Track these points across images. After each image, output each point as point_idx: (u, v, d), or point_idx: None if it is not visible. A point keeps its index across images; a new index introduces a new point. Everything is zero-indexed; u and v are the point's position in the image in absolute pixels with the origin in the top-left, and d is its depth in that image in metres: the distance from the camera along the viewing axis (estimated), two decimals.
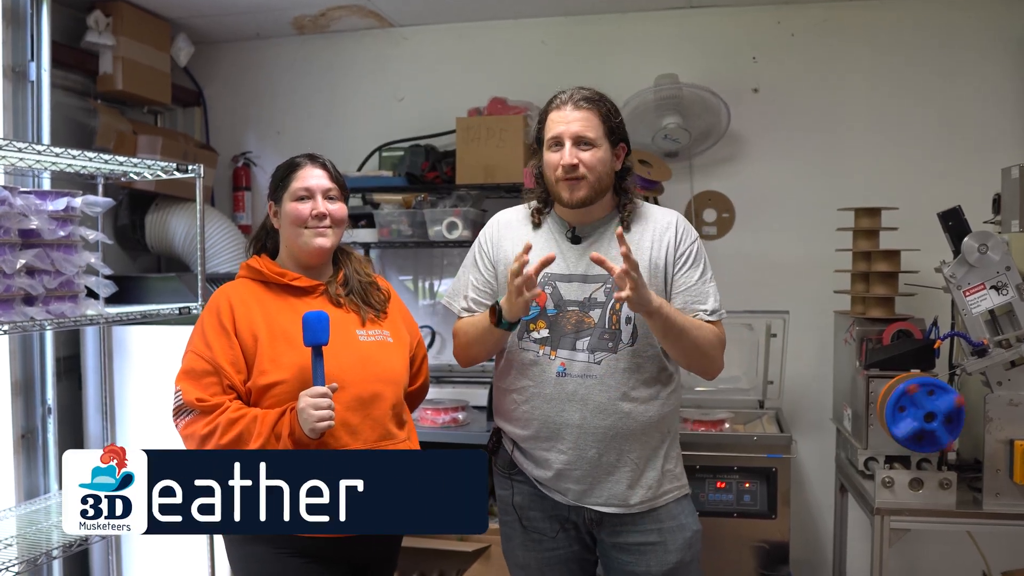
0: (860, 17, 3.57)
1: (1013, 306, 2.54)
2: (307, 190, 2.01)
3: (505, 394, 2.11)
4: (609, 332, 2.00)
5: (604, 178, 2.02)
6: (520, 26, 3.87)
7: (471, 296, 2.15)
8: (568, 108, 2.00)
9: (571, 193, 2.00)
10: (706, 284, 2.06)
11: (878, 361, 2.70)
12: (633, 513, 2.03)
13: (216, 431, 1.84)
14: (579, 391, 2.00)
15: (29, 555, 2.23)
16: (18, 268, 2.15)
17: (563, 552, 2.09)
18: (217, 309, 1.97)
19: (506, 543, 2.19)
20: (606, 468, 2.01)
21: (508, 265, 1.99)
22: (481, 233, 2.20)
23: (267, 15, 3.81)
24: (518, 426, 2.08)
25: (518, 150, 3.44)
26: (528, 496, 2.10)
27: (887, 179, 3.49)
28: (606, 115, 2.02)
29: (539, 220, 2.12)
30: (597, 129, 2.00)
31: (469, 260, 2.21)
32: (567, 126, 1.99)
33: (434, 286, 4.09)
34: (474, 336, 2.07)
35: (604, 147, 2.01)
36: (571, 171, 1.98)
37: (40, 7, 3.01)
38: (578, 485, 2.03)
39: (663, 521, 2.04)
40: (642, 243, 2.05)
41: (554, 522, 2.08)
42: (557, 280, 2.04)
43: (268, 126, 4.16)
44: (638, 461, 2.03)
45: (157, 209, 3.73)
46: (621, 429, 2.00)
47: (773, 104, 3.65)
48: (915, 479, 2.58)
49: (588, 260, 1.98)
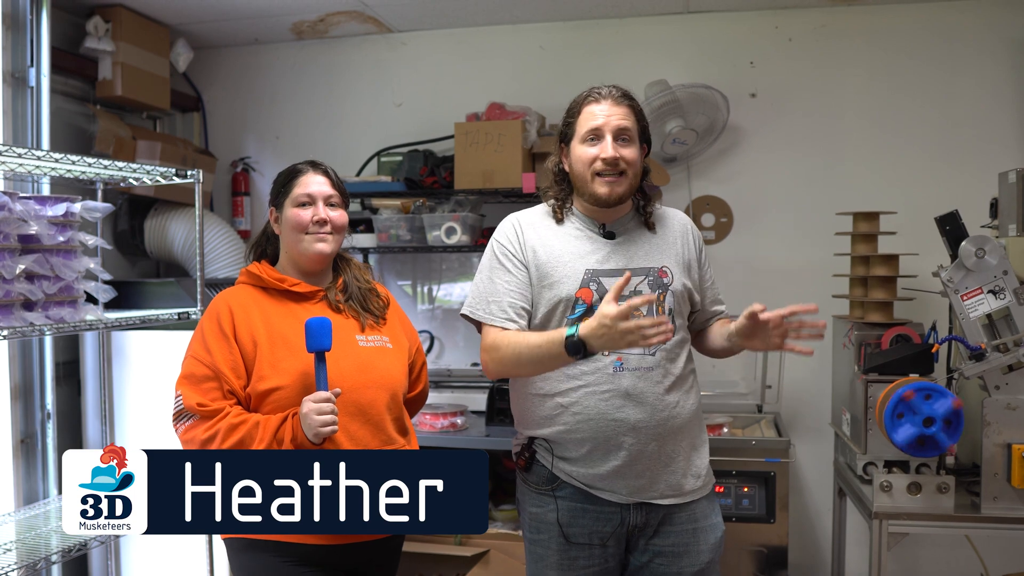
0: (858, 22, 3.59)
1: (1010, 310, 2.55)
2: (308, 196, 2.02)
3: (543, 400, 2.00)
4: None
5: (638, 176, 2.03)
6: (518, 31, 3.88)
7: (510, 302, 2.00)
8: (608, 102, 1.98)
9: (611, 189, 1.96)
10: (716, 282, 2.18)
11: (877, 366, 2.70)
12: (682, 503, 2.01)
13: (217, 436, 1.85)
14: (637, 384, 1.95)
15: (28, 560, 2.23)
16: (17, 273, 2.15)
17: (598, 568, 2.02)
18: (217, 314, 1.97)
19: (535, 564, 2.06)
20: (664, 460, 1.99)
21: (542, 265, 1.99)
22: (501, 237, 2.07)
23: (266, 20, 3.82)
24: (564, 431, 1.98)
25: (516, 155, 3.45)
26: (571, 511, 2.00)
27: (885, 183, 3.50)
28: (639, 114, 2.03)
29: (561, 217, 2.07)
30: (635, 126, 2.00)
31: (494, 265, 2.05)
32: (608, 119, 1.96)
33: (433, 291, 4.09)
34: (534, 359, 1.91)
35: (638, 144, 2.02)
36: (613, 165, 1.95)
37: (40, 13, 3.02)
38: (638, 480, 1.97)
39: (698, 520, 2.03)
40: (674, 242, 2.08)
41: (596, 536, 2.00)
42: (601, 276, 1.98)
43: (267, 131, 4.17)
44: (688, 450, 2.02)
45: (156, 214, 3.73)
46: (674, 420, 1.98)
47: (771, 109, 3.65)
48: (913, 483, 2.58)
49: (626, 254, 2.01)
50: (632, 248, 2.02)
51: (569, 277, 1.98)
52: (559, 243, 2.02)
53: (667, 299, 2.01)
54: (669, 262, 2.04)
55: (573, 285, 1.97)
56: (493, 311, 2.01)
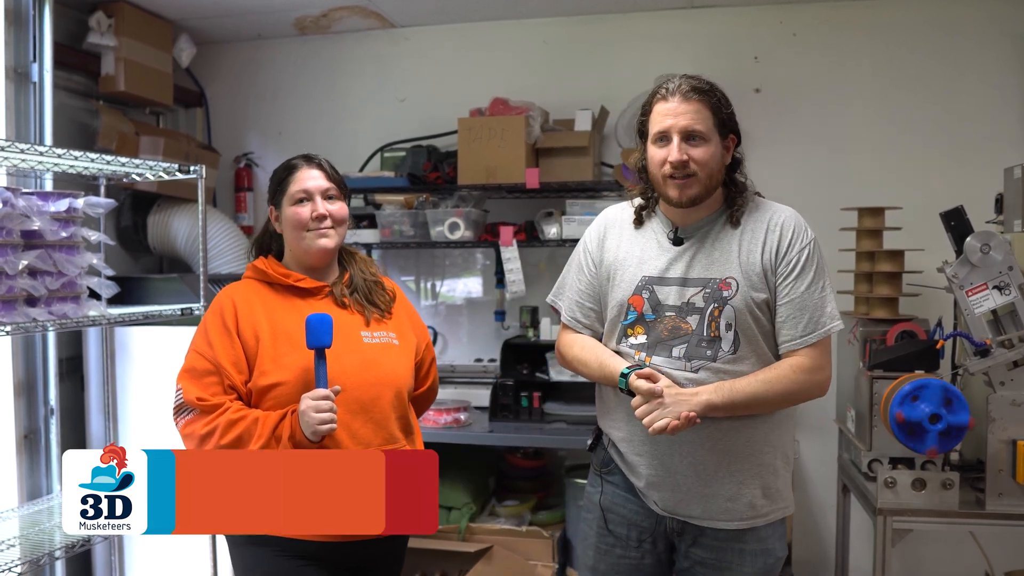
0: (862, 16, 3.57)
1: (1016, 306, 2.54)
2: (305, 192, 2.00)
3: (608, 393, 2.02)
4: (708, 339, 1.87)
5: (715, 174, 1.89)
6: (522, 26, 3.87)
7: (577, 301, 2.05)
8: (676, 100, 1.86)
9: (680, 192, 1.86)
10: (812, 296, 1.87)
11: (882, 362, 2.69)
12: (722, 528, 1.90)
13: (216, 432, 1.84)
14: None
15: (32, 556, 2.23)
16: (20, 269, 2.15)
17: (633, 562, 1.99)
18: (221, 309, 1.97)
19: (582, 542, 2.10)
20: (703, 479, 1.88)
21: (611, 267, 1.97)
22: (587, 234, 2.08)
23: (269, 16, 3.81)
24: (615, 427, 1.99)
25: (520, 151, 3.44)
26: (615, 497, 2.00)
27: (890, 179, 3.49)
28: (716, 106, 1.88)
29: (642, 219, 2.00)
30: (707, 122, 1.86)
31: (573, 259, 2.10)
32: (675, 120, 1.85)
33: (436, 287, 4.09)
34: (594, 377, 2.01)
35: (715, 141, 1.87)
36: (681, 168, 1.85)
37: (42, 8, 3.02)
38: (671, 494, 1.91)
39: (747, 542, 1.90)
40: (752, 248, 1.89)
41: (634, 530, 1.97)
42: (654, 284, 1.92)
43: (270, 127, 4.16)
44: (741, 475, 1.88)
45: (159, 210, 3.73)
46: (721, 443, 1.87)
47: (775, 104, 3.64)
48: (918, 479, 2.57)
49: (687, 263, 1.90)
50: (698, 256, 1.91)
51: (627, 283, 1.95)
52: (630, 247, 1.99)
53: (722, 314, 1.86)
54: (735, 272, 1.88)
55: (628, 291, 1.94)
56: (565, 306, 2.11)
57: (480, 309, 4.02)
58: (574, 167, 3.51)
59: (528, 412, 3.49)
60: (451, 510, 3.43)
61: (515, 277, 3.59)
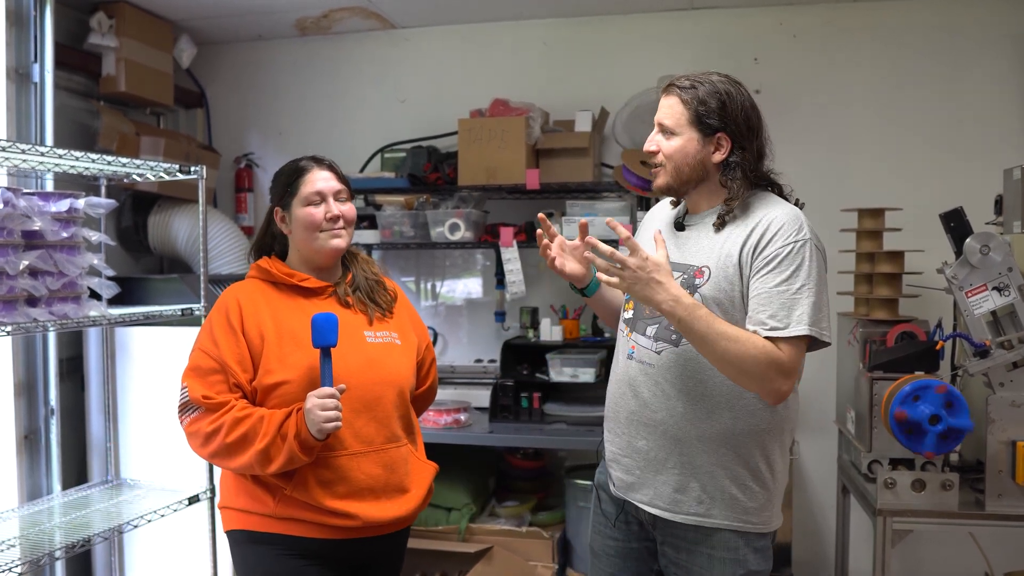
0: (862, 18, 3.58)
1: (1015, 307, 2.54)
2: (319, 194, 2.01)
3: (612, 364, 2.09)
4: None
5: (685, 168, 1.89)
6: (522, 27, 3.87)
7: None
8: (663, 94, 1.95)
9: (654, 180, 1.97)
10: (783, 295, 1.76)
11: (882, 363, 2.69)
12: (681, 524, 1.87)
13: (221, 429, 1.85)
14: (638, 378, 1.91)
15: (32, 556, 2.23)
16: (21, 269, 2.15)
17: (620, 544, 1.99)
18: (226, 308, 1.98)
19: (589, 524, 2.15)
20: (654, 465, 1.89)
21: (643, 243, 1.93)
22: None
23: (269, 16, 3.82)
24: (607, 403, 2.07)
25: (520, 151, 3.44)
26: (604, 475, 2.06)
27: (890, 180, 3.49)
28: (692, 102, 1.87)
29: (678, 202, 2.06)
30: (678, 117, 1.88)
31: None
32: (657, 112, 1.95)
33: (436, 287, 4.09)
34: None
35: (686, 136, 1.87)
36: (650, 158, 1.95)
37: (43, 9, 3.02)
38: (627, 475, 1.94)
39: (715, 548, 1.86)
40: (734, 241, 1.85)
41: (612, 506, 2.01)
42: None
43: (270, 127, 4.17)
44: (692, 469, 1.86)
45: (160, 210, 3.73)
46: (673, 430, 1.86)
47: (775, 105, 3.61)
48: (917, 480, 2.58)
49: (681, 247, 1.94)
50: (689, 243, 1.93)
51: None
52: (654, 228, 2.01)
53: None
54: (712, 261, 1.86)
55: None
56: None
57: (480, 310, 4.02)
58: (574, 168, 3.51)
59: (528, 413, 3.50)
60: (451, 511, 3.44)
61: (515, 278, 3.59)
